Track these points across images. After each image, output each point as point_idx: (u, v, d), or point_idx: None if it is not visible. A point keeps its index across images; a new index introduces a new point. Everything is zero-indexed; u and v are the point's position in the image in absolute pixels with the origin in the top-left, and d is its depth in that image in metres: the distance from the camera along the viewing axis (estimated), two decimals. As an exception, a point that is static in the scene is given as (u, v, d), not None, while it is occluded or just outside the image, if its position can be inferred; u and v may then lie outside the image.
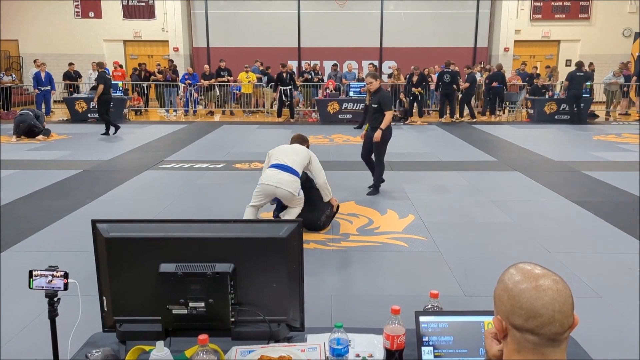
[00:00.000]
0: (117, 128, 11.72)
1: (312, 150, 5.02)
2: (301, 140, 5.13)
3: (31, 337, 3.02)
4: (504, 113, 15.84)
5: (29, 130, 10.99)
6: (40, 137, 11.05)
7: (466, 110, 14.46)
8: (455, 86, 14.08)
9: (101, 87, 11.32)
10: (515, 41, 19.27)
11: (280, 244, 1.70)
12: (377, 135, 6.39)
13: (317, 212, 5.00)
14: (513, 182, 7.25)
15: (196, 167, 8.10)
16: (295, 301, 1.75)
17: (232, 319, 1.71)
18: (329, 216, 5.10)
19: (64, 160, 8.61)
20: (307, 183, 5.01)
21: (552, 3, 19.20)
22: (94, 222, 1.74)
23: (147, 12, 19.39)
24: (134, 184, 7.08)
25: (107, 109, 11.81)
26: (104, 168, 8.08)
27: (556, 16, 19.31)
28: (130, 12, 19.42)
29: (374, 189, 6.59)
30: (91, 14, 19.41)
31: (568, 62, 18.87)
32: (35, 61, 15.28)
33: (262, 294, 1.73)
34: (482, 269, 4.15)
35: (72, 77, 16.49)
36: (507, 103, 15.79)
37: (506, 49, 19.15)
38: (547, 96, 14.62)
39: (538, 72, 16.36)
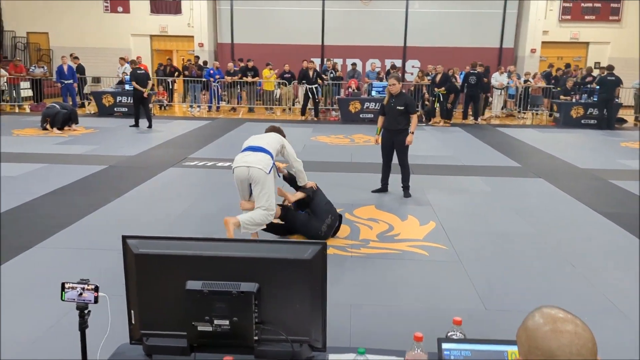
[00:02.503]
0: (135, 125, 12.15)
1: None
2: (275, 129, 5.01)
3: (58, 335, 3.10)
4: (524, 116, 15.63)
5: (63, 120, 11.30)
6: (73, 125, 11.44)
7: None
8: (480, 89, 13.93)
9: (134, 83, 12.04)
10: (543, 42, 18.98)
11: (305, 265, 1.72)
12: (410, 139, 6.44)
13: (318, 222, 4.81)
14: (537, 190, 7.17)
15: (218, 165, 8.18)
16: (317, 322, 1.77)
17: (256, 338, 1.75)
18: (330, 226, 4.88)
19: (90, 155, 8.77)
20: (308, 198, 4.92)
21: (582, 4, 18.85)
22: (124, 238, 1.78)
23: (174, 8, 19.60)
24: (158, 181, 7.18)
25: (137, 104, 12.27)
26: (129, 164, 8.21)
27: (586, 17, 18.96)
28: (157, 8, 19.64)
29: (406, 190, 6.63)
30: (120, 9, 19.68)
31: (597, 65, 18.50)
32: (62, 57, 15.54)
33: (285, 313, 1.76)
34: (503, 282, 4.12)
35: (81, 70, 16.60)
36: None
37: (533, 50, 18.87)
38: (574, 100, 14.37)
39: (574, 70, 15.99)
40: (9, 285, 3.83)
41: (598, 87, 13.79)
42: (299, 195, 4.94)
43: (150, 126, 12.08)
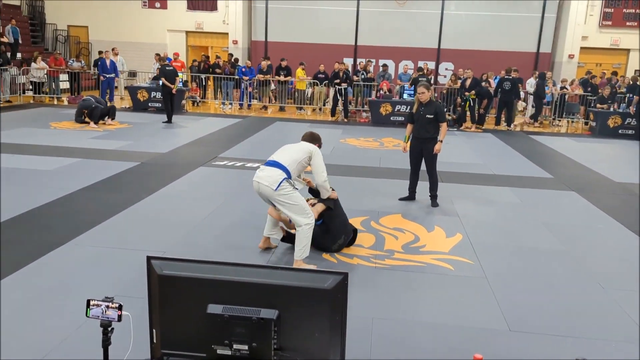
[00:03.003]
0: (168, 121, 12.49)
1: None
2: (310, 138, 4.74)
3: (85, 336, 3.18)
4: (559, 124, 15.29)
5: (100, 115, 11.63)
6: (108, 120, 11.71)
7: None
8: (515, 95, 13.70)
9: (163, 79, 12.31)
10: (581, 48, 18.51)
11: (325, 295, 1.73)
12: (438, 147, 6.39)
13: (330, 241, 4.80)
14: (568, 204, 7.01)
15: (247, 165, 8.25)
16: (336, 351, 1.78)
17: (274, 364, 1.76)
18: (341, 245, 4.85)
19: (123, 151, 8.95)
20: (331, 211, 4.84)
21: (624, 10, 18.31)
22: (149, 259, 1.82)
23: (210, 5, 19.83)
24: (188, 180, 7.29)
25: (167, 99, 12.58)
26: (160, 162, 8.35)
27: (627, 24, 18.42)
28: (193, 4, 19.92)
29: (434, 199, 6.58)
30: (157, 5, 20.02)
31: (638, 72, 17.95)
32: (104, 52, 15.89)
33: (304, 341, 1.77)
34: (530, 302, 4.05)
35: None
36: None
37: (571, 56, 18.42)
38: (612, 109, 13.99)
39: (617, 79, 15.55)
40: (42, 282, 3.95)
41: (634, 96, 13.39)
42: (319, 208, 4.81)
43: (170, 121, 12.45)
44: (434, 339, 3.45)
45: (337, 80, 14.68)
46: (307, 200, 4.80)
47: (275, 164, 4.38)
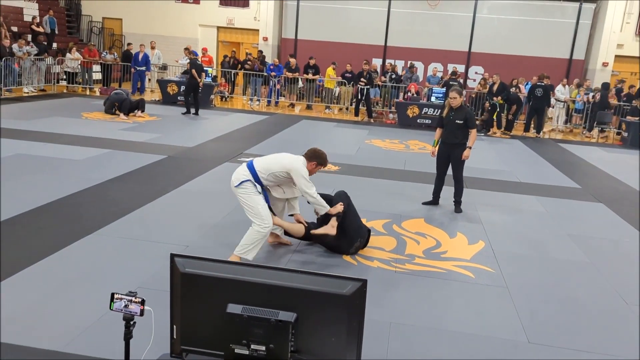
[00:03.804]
0: (187, 112, 12.95)
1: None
2: (311, 154, 4.61)
3: (106, 326, 3.26)
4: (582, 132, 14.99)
5: (130, 107, 11.89)
6: (138, 112, 11.96)
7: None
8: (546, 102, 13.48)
9: (194, 71, 12.63)
10: (616, 56, 18.09)
11: (343, 300, 1.75)
12: (467, 153, 6.35)
13: (347, 244, 4.76)
14: (595, 216, 6.88)
15: (272, 163, 8.29)
16: (352, 357, 1.79)
17: (290, 366, 1.79)
18: (357, 247, 4.85)
19: (152, 144, 9.10)
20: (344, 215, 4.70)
21: (663, 18, 17.83)
22: (173, 256, 1.86)
23: (242, 1, 19.98)
24: (213, 175, 7.38)
25: (190, 92, 12.90)
26: (187, 156, 8.47)
27: (665, 33, 17.93)
28: (226, 0, 20.09)
29: (458, 205, 6.55)
30: (190, 0, 20.25)
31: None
32: (140, 45, 16.17)
33: (321, 345, 1.80)
34: (550, 313, 4.00)
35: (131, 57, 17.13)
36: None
37: (605, 64, 18.03)
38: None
39: None
40: (66, 271, 4.06)
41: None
42: (331, 230, 4.56)
43: (197, 113, 12.94)
44: (451, 347, 3.43)
45: (363, 81, 14.67)
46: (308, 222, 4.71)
47: (249, 165, 4.41)
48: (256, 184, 4.37)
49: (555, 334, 3.70)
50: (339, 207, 4.62)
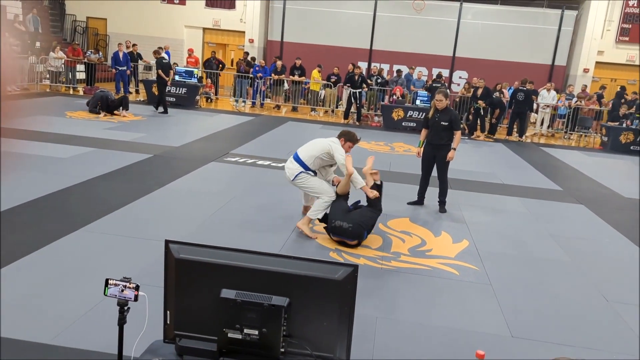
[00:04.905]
0: (156, 108, 13.28)
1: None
2: (342, 133, 5.52)
3: (95, 319, 3.27)
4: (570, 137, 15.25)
5: (114, 106, 11.94)
6: (123, 112, 11.95)
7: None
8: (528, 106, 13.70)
9: (159, 71, 13.14)
10: (597, 62, 18.44)
11: (335, 286, 1.79)
12: (451, 155, 6.44)
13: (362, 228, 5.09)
14: (576, 217, 7.03)
15: (259, 163, 8.32)
16: (343, 341, 1.84)
17: (282, 350, 1.83)
18: (380, 211, 5.42)
19: (137, 143, 9.06)
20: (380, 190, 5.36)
21: (642, 26, 18.21)
22: (167, 242, 1.89)
23: (228, 3, 19.96)
24: (199, 175, 7.38)
25: (163, 90, 13.40)
26: (173, 155, 8.45)
27: (645, 40, 18.31)
28: (212, 2, 20.06)
29: (442, 205, 6.64)
30: (176, 1, 20.19)
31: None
32: (119, 44, 16.08)
33: (313, 330, 1.84)
34: (532, 309, 4.09)
35: (134, 58, 17.11)
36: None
37: (586, 70, 18.37)
38: (624, 125, 13.95)
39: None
40: (56, 265, 4.05)
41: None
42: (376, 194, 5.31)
43: (165, 111, 13.20)
44: (437, 340, 3.50)
45: (350, 85, 14.75)
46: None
47: (296, 158, 5.34)
48: (308, 171, 5.30)
49: (537, 328, 3.79)
50: (375, 193, 5.31)
